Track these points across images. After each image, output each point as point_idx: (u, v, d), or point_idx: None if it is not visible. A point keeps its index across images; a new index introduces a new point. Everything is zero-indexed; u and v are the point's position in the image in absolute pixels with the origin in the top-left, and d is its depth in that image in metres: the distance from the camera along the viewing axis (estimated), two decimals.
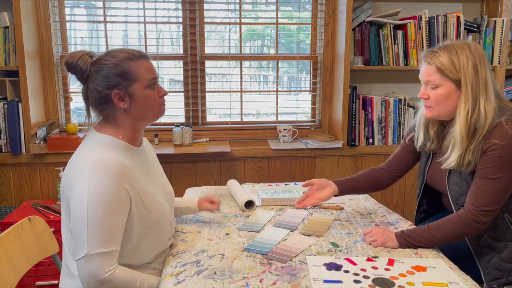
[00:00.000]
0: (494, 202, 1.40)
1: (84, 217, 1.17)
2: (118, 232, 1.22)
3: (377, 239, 1.45)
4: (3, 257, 1.33)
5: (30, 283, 2.30)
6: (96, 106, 1.31)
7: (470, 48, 1.43)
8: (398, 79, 2.96)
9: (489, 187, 1.39)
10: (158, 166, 1.53)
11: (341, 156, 2.84)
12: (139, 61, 1.30)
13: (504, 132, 1.37)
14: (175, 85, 3.02)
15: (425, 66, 1.49)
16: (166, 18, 2.88)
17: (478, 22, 2.84)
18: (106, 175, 1.19)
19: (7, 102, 2.51)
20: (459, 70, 1.42)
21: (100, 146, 1.26)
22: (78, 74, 1.29)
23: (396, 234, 1.45)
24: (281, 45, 2.97)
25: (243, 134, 2.95)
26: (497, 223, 1.48)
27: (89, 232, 1.17)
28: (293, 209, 1.79)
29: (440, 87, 1.45)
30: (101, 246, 1.17)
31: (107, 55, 1.29)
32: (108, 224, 1.19)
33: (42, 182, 2.65)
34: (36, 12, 2.62)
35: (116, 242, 1.21)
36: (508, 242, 1.48)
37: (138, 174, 1.30)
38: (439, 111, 1.49)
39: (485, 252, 1.50)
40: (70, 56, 1.27)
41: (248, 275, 1.24)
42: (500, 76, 2.81)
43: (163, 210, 1.38)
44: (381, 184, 1.80)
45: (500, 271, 1.48)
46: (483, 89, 1.42)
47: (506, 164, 1.38)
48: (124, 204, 1.23)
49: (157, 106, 1.36)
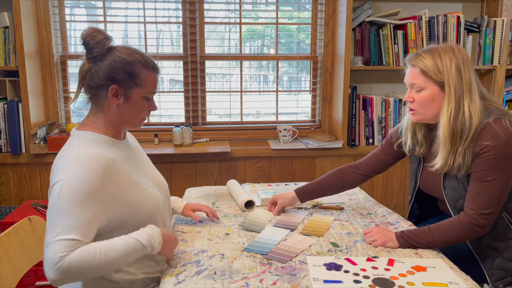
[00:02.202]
0: (493, 204, 1.40)
1: (54, 206, 1.13)
2: (85, 224, 1.14)
3: (377, 239, 1.45)
4: (3, 257, 1.33)
5: (30, 283, 2.30)
6: (90, 89, 1.29)
7: (453, 51, 1.44)
8: (398, 79, 2.96)
9: (486, 190, 1.39)
10: (146, 158, 1.51)
11: (341, 156, 2.84)
12: (151, 72, 1.31)
13: (494, 133, 1.37)
14: (175, 85, 3.02)
15: (409, 69, 1.50)
16: (166, 18, 2.88)
17: (478, 22, 2.84)
18: (83, 168, 1.16)
19: (7, 102, 2.51)
20: (442, 72, 1.42)
21: (82, 143, 1.25)
22: (90, 54, 1.26)
23: (396, 234, 1.45)
24: (281, 45, 2.97)
25: (243, 134, 2.95)
26: (496, 223, 1.48)
27: (54, 220, 1.12)
28: (293, 209, 1.79)
29: (424, 89, 1.46)
30: (61, 234, 1.11)
31: (125, 49, 1.28)
32: (75, 214, 1.13)
33: (42, 182, 2.65)
34: (36, 12, 2.63)
35: (80, 233, 1.12)
36: (509, 241, 1.48)
37: (126, 167, 1.29)
38: (423, 113, 1.49)
39: (487, 253, 1.50)
40: (89, 35, 1.24)
41: (248, 275, 1.24)
42: (500, 76, 2.81)
43: (157, 199, 1.37)
44: (351, 182, 1.78)
45: (504, 270, 1.48)
46: (467, 91, 1.42)
47: (500, 165, 1.38)
48: (99, 199, 1.18)
49: (140, 118, 1.35)
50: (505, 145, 1.36)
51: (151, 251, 1.22)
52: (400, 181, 2.93)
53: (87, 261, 1.10)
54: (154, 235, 1.23)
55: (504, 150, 1.37)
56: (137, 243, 1.19)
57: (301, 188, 1.76)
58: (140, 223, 1.29)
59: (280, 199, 1.73)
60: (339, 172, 1.78)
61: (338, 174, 1.78)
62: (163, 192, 1.45)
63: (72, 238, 1.11)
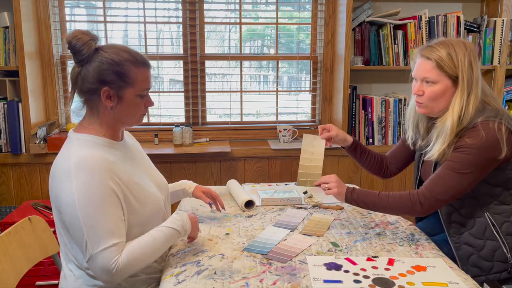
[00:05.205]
0: (447, 194, 1.42)
1: (78, 220, 1.16)
2: (116, 225, 1.19)
3: (332, 188, 1.50)
4: (3, 257, 1.33)
5: (30, 283, 2.30)
6: (83, 93, 1.28)
7: (465, 45, 1.44)
8: (398, 79, 2.96)
9: (450, 179, 1.41)
10: (146, 157, 1.51)
11: (341, 156, 2.84)
12: (141, 68, 1.28)
13: (476, 134, 1.39)
14: (175, 85, 3.02)
15: (422, 61, 1.48)
16: (166, 18, 2.88)
17: (478, 22, 2.84)
18: (90, 173, 1.17)
19: (7, 102, 2.51)
20: (457, 66, 1.42)
21: (80, 146, 1.24)
22: (77, 57, 1.24)
23: (348, 188, 1.50)
24: (281, 45, 2.97)
25: (243, 134, 2.95)
26: (476, 221, 1.49)
27: (87, 233, 1.16)
28: (293, 209, 1.79)
29: (436, 83, 1.45)
30: (102, 243, 1.16)
31: (111, 48, 1.26)
32: (103, 220, 1.17)
33: (42, 182, 2.65)
34: (36, 12, 2.62)
35: (117, 235, 1.19)
36: (487, 241, 1.48)
37: (125, 168, 1.29)
38: (432, 107, 1.49)
39: (464, 248, 1.51)
40: (75, 37, 1.22)
41: (248, 275, 1.24)
42: (500, 76, 2.81)
43: (158, 200, 1.38)
44: (383, 169, 1.82)
45: (480, 269, 1.48)
46: (475, 86, 1.43)
47: (473, 164, 1.39)
48: (115, 197, 1.21)
49: (138, 116, 1.34)
50: (483, 147, 1.38)
51: (184, 234, 1.35)
52: (400, 181, 2.93)
53: (137, 257, 1.21)
54: (184, 220, 1.35)
55: (480, 151, 1.38)
56: (173, 231, 1.30)
57: (356, 142, 1.78)
58: (141, 223, 1.29)
59: (335, 130, 1.71)
60: (382, 156, 1.82)
61: (380, 156, 1.82)
62: (163, 192, 1.46)
63: (114, 243, 1.18)
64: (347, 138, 1.75)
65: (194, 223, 1.40)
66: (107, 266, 1.16)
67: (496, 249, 1.47)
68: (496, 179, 1.46)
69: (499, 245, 1.46)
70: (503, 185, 1.47)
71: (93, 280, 1.28)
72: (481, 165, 1.40)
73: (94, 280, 1.27)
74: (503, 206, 1.48)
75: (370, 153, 1.80)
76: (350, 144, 1.76)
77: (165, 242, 1.29)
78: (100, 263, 1.16)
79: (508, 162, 1.44)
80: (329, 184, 1.51)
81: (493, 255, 1.47)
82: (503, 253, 1.47)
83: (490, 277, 1.48)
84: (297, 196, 1.86)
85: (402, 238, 1.51)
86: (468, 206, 1.50)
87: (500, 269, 1.47)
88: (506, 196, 1.48)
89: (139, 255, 1.21)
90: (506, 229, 1.47)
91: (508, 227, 1.47)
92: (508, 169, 1.45)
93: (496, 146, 1.38)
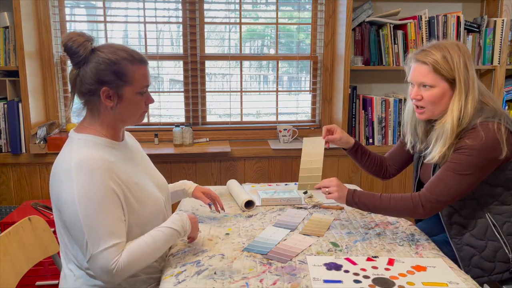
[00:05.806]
0: (448, 196, 1.42)
1: (79, 220, 1.16)
2: (116, 225, 1.20)
3: (333, 192, 1.49)
4: (3, 257, 1.33)
5: (30, 283, 2.30)
6: (82, 94, 1.28)
7: (459, 47, 1.45)
8: (398, 79, 2.94)
9: (450, 181, 1.41)
10: (146, 157, 1.51)
11: (341, 156, 2.84)
12: (138, 66, 1.28)
13: (476, 135, 1.39)
14: (175, 85, 3.02)
15: (417, 66, 1.48)
16: (166, 18, 2.88)
17: (478, 22, 2.84)
18: (91, 173, 1.17)
19: (7, 102, 2.51)
20: (454, 69, 1.42)
21: (81, 146, 1.24)
22: (74, 59, 1.24)
23: (349, 191, 1.49)
24: (281, 45, 2.97)
25: (243, 134, 2.95)
26: (477, 222, 1.49)
27: (87, 234, 1.16)
28: (293, 209, 1.79)
29: (434, 87, 1.45)
30: (102, 244, 1.17)
31: (107, 48, 1.26)
32: (104, 220, 1.17)
33: (42, 182, 2.65)
34: (36, 12, 2.62)
35: (117, 235, 1.19)
36: (489, 241, 1.48)
37: (125, 168, 1.29)
38: (432, 111, 1.49)
39: (466, 250, 1.51)
40: (70, 39, 1.22)
41: (248, 275, 1.24)
42: (500, 76, 2.81)
43: (158, 200, 1.38)
44: (383, 170, 1.83)
45: (482, 269, 1.48)
46: (472, 87, 1.44)
47: (473, 165, 1.39)
48: (116, 197, 1.21)
49: (139, 114, 1.34)
50: (483, 148, 1.38)
51: (184, 235, 1.35)
52: (400, 181, 2.93)
53: (138, 258, 1.21)
54: (184, 220, 1.35)
55: (480, 152, 1.38)
56: (173, 231, 1.31)
57: (359, 143, 1.79)
58: (141, 223, 1.29)
59: (340, 132, 1.71)
60: (381, 157, 1.83)
61: (380, 158, 1.82)
62: (164, 193, 1.46)
63: (114, 243, 1.18)
64: (350, 140, 1.75)
65: (194, 223, 1.40)
66: (107, 266, 1.16)
67: (497, 250, 1.47)
68: (496, 180, 1.46)
69: (501, 245, 1.46)
70: (504, 185, 1.47)
71: (93, 280, 1.28)
72: (481, 166, 1.40)
73: (94, 280, 1.27)
74: (503, 207, 1.48)
75: (370, 155, 1.80)
76: (351, 146, 1.76)
77: (165, 242, 1.29)
78: (100, 263, 1.16)
79: (508, 162, 1.44)
80: (330, 188, 1.51)
81: (495, 256, 1.47)
82: (504, 253, 1.47)
83: (492, 277, 1.48)
84: (297, 196, 1.86)
85: (402, 238, 1.51)
86: (468, 207, 1.50)
87: (502, 269, 1.47)
88: (506, 196, 1.48)
89: (139, 255, 1.22)
90: (507, 229, 1.47)
91: (509, 227, 1.47)
92: (508, 169, 1.45)
93: (496, 147, 1.38)
